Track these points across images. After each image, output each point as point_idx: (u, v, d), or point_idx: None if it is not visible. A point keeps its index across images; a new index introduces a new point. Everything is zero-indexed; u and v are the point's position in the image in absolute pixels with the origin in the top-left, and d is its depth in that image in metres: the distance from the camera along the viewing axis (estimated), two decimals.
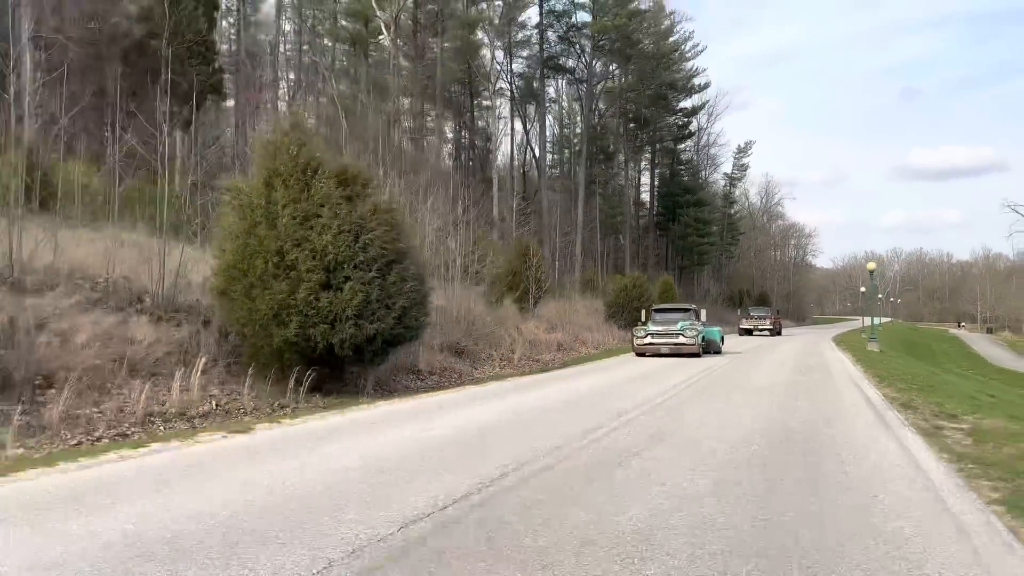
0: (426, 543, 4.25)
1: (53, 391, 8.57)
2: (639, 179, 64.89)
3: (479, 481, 5.76)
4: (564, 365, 19.89)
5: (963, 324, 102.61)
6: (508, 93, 48.17)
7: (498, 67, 46.12)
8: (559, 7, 46.29)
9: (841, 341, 36.60)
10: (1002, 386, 22.50)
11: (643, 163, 64.48)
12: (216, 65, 22.66)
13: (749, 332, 44.51)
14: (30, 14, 15.73)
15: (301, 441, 7.88)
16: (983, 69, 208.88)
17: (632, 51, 48.48)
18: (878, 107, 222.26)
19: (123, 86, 19.00)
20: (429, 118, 43.75)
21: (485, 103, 48.74)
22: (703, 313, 24.71)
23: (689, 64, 59.22)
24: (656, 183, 65.04)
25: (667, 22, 56.44)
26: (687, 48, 58.23)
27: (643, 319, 24.69)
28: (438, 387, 14.41)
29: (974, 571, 3.88)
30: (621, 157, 57.56)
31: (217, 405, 9.87)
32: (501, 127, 48.67)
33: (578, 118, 54.88)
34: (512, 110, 49.51)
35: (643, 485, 5.72)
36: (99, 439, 8.01)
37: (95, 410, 8.68)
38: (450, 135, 49.67)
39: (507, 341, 20.66)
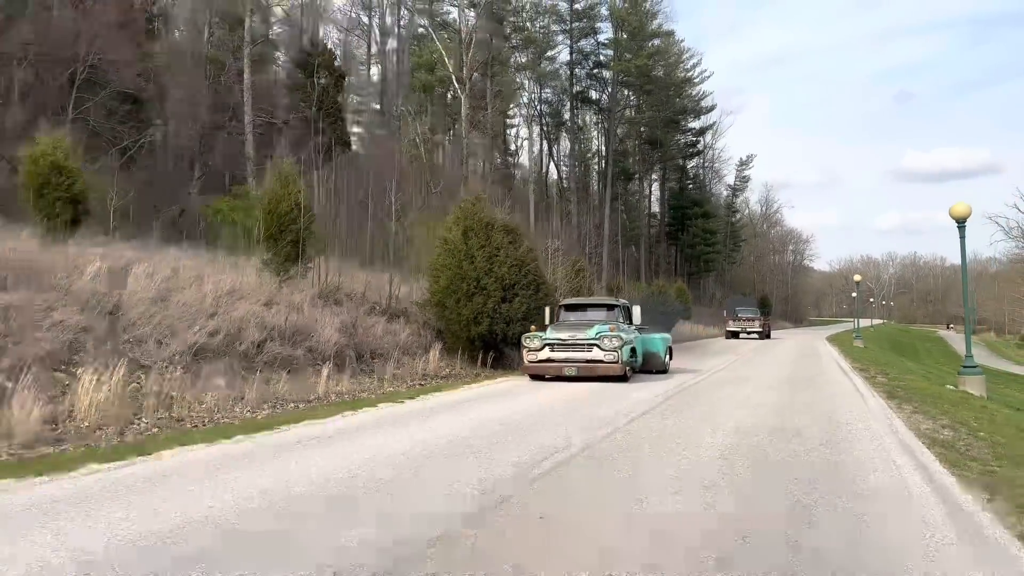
0: (644, 414, 10.86)
1: (376, 361, 15.16)
2: (651, 193, 71.83)
3: (647, 398, 12.35)
4: None
5: (952, 326, 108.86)
6: (538, 119, 55.02)
7: (533, 97, 53.16)
8: (587, 47, 53.21)
9: (833, 339, 42.10)
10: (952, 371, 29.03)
11: (655, 177, 71.37)
12: (344, 121, 29.20)
13: (736, 335, 42.05)
14: (251, 103, 22.35)
15: (528, 388, 14.39)
16: (978, 72, 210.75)
17: (651, 85, 55.33)
18: (872, 110, 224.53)
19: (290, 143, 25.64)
20: (475, 144, 50.41)
21: (511, 121, 55.72)
22: (636, 311, 16.80)
23: (697, 89, 66.48)
24: (667, 197, 71.81)
25: (676, 49, 63.64)
26: (695, 75, 65.52)
27: (547, 319, 16.77)
28: None
29: (862, 408, 10.67)
30: (637, 176, 64.46)
31: (451, 372, 16.50)
32: (529, 148, 55.57)
33: (593, 133, 61.95)
34: (541, 135, 56.35)
35: (731, 395, 12.59)
36: (412, 386, 14.60)
37: (397, 371, 15.26)
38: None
39: None
